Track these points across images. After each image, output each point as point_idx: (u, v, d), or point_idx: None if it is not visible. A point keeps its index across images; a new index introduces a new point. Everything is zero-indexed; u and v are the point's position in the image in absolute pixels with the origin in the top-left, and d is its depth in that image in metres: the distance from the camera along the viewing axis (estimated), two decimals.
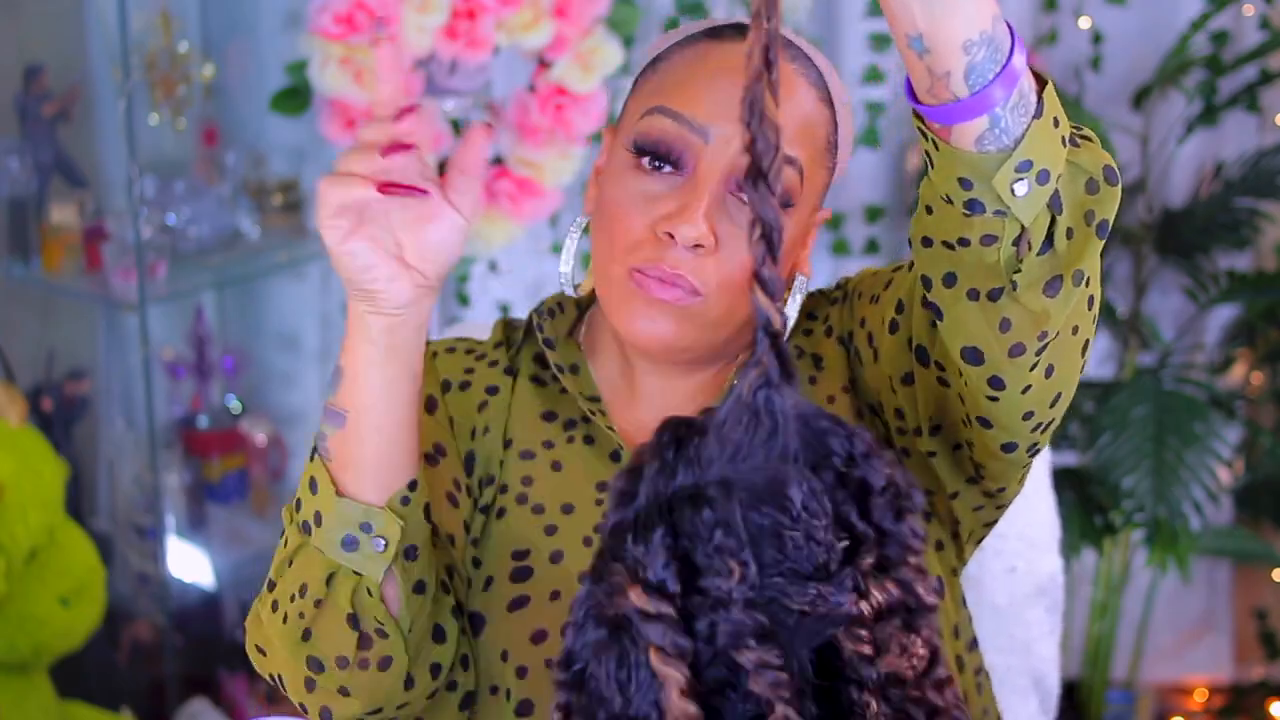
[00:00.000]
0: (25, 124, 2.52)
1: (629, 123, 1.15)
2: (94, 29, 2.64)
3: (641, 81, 1.18)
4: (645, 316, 1.11)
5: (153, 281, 2.49)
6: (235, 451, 2.79)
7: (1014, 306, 0.97)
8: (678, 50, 1.17)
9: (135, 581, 2.67)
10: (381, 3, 2.25)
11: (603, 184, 1.17)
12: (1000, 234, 0.94)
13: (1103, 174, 0.97)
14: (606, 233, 1.13)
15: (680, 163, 1.11)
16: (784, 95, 1.10)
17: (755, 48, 0.69)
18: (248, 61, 2.80)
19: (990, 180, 0.91)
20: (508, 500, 1.19)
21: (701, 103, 1.10)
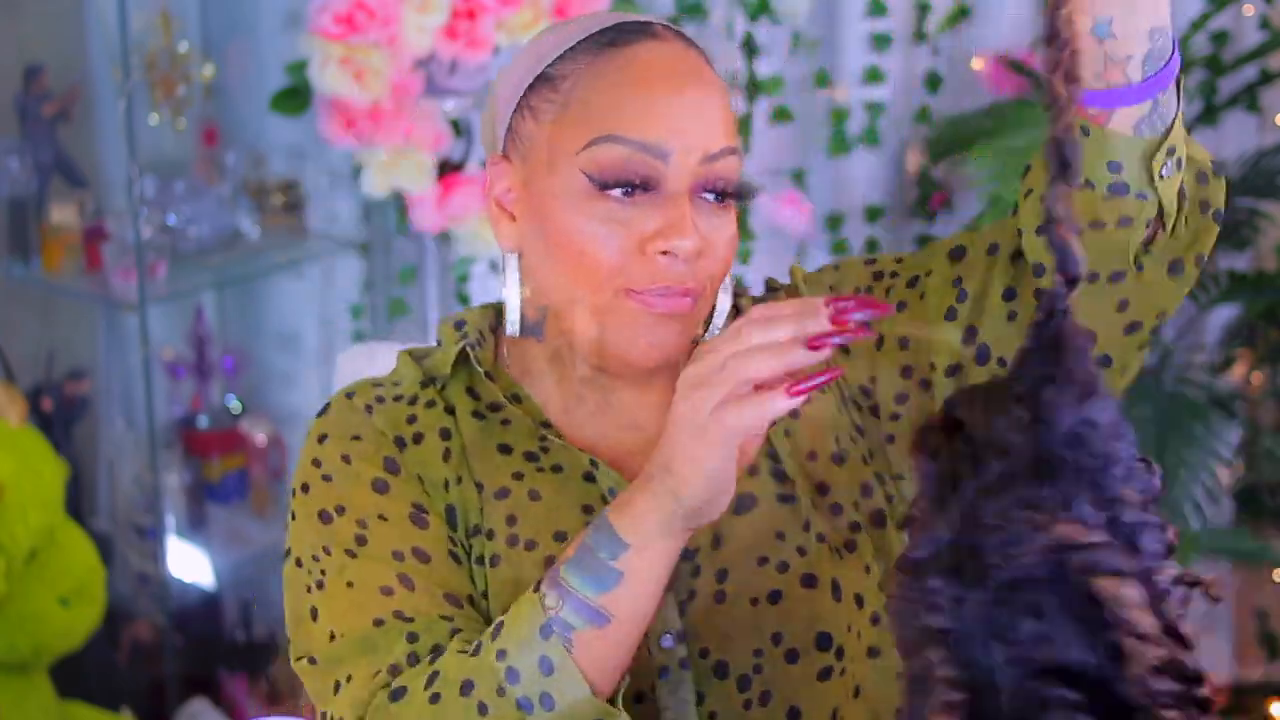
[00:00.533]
0: (25, 124, 2.52)
1: (563, 149, 1.11)
2: (94, 29, 2.64)
3: (542, 101, 1.14)
4: (651, 333, 1.11)
5: (153, 281, 2.49)
6: (235, 451, 2.79)
7: (1136, 287, 1.03)
8: (583, 64, 1.13)
9: (135, 581, 2.67)
10: (381, 3, 2.25)
11: (545, 214, 1.12)
12: (1136, 216, 1.00)
13: (1210, 167, 1.06)
14: (573, 263, 1.11)
15: (648, 184, 1.10)
16: (706, 88, 1.12)
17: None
18: (248, 61, 2.80)
19: (1147, 162, 0.98)
20: (497, 546, 1.14)
21: (651, 124, 1.09)
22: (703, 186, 1.10)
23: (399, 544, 1.12)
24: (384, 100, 2.31)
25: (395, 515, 1.14)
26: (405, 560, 1.11)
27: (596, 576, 1.01)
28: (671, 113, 1.09)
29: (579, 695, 1.00)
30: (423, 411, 1.19)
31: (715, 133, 1.10)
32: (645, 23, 1.15)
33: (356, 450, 1.17)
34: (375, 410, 1.19)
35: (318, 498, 1.16)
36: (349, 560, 1.12)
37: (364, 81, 2.27)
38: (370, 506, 1.14)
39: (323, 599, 1.13)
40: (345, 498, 1.15)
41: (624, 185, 1.09)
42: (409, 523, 1.13)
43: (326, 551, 1.13)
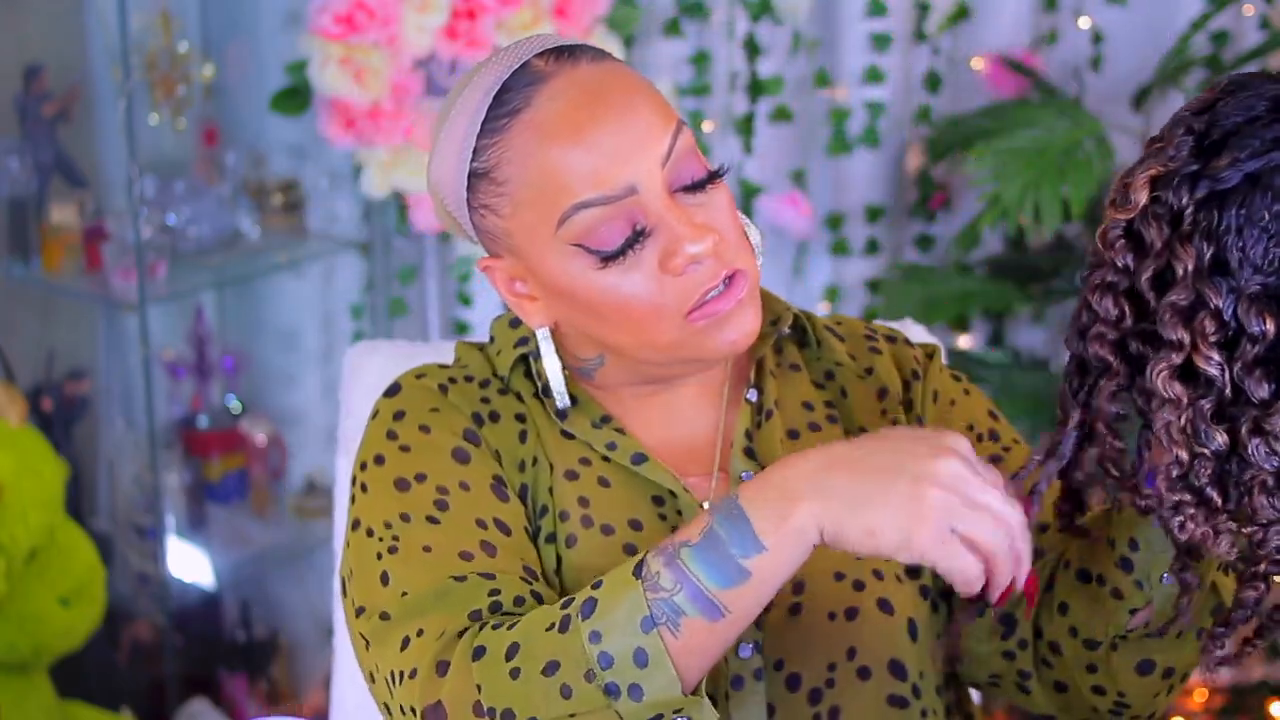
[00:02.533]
0: (25, 124, 2.52)
1: (541, 233, 1.09)
2: (94, 29, 2.64)
3: (490, 199, 1.11)
4: (731, 329, 1.11)
5: (153, 281, 2.49)
6: (235, 451, 2.79)
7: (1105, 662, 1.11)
8: (503, 146, 1.09)
9: (135, 581, 2.67)
10: (381, 3, 2.25)
11: (567, 290, 1.11)
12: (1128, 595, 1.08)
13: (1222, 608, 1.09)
14: (622, 323, 1.10)
15: (636, 224, 1.08)
16: (620, 93, 1.09)
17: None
18: (248, 61, 2.79)
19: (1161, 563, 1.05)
20: (572, 526, 1.14)
21: (603, 173, 1.07)
22: (675, 183, 1.09)
23: (482, 513, 1.12)
24: (384, 100, 2.31)
25: (477, 485, 1.13)
26: (488, 529, 1.11)
27: (723, 571, 0.98)
28: (614, 148, 1.07)
29: (670, 689, 0.98)
30: (495, 396, 1.20)
31: (658, 134, 1.09)
32: (525, 65, 1.10)
33: (436, 421, 1.16)
34: (450, 390, 1.19)
35: (394, 467, 1.14)
36: (429, 526, 1.10)
37: (364, 81, 2.27)
38: (452, 474, 1.13)
39: (396, 562, 1.10)
40: (425, 465, 1.14)
41: (618, 244, 1.08)
42: (491, 494, 1.13)
43: (404, 519, 1.11)
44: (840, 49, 2.78)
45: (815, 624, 1.12)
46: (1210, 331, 0.85)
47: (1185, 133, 0.87)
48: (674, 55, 2.70)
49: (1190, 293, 0.86)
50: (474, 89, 1.11)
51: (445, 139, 1.13)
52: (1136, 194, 0.87)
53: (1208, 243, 0.85)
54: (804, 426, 1.22)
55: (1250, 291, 0.85)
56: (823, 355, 1.26)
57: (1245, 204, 0.85)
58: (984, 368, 2.64)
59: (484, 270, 1.16)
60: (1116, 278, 0.89)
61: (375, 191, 2.40)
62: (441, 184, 1.14)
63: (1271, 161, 0.84)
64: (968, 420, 1.24)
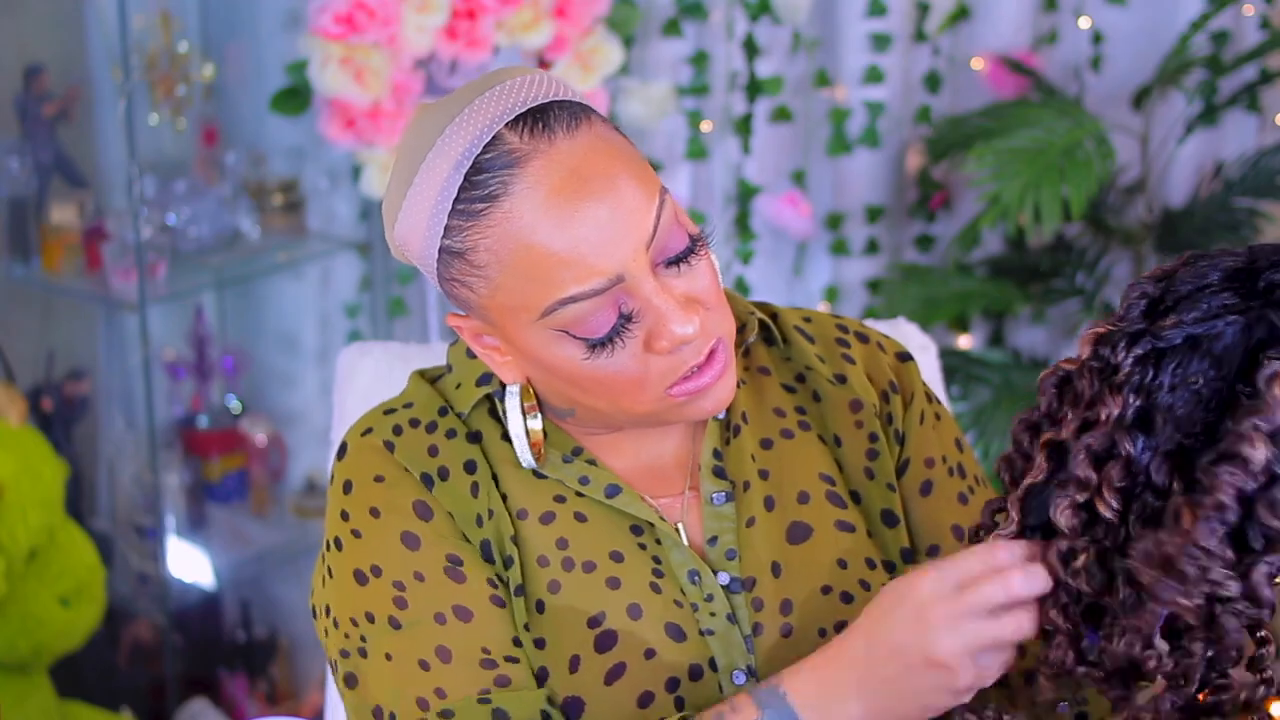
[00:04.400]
0: (25, 124, 2.52)
1: (521, 318, 1.07)
2: (94, 29, 2.64)
3: (466, 276, 1.07)
4: (708, 400, 1.10)
5: (153, 281, 2.49)
6: (235, 451, 2.79)
7: None
8: (480, 232, 1.05)
9: (135, 581, 2.67)
10: (381, 3, 2.25)
11: (543, 361, 1.09)
12: None
13: None
14: (599, 396, 1.09)
15: (624, 309, 1.06)
16: (603, 171, 1.04)
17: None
18: (248, 61, 2.80)
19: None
20: (554, 571, 1.13)
21: (588, 266, 1.03)
22: (659, 258, 1.07)
23: (439, 605, 1.11)
24: (384, 100, 2.31)
25: (431, 573, 1.12)
26: (447, 622, 1.10)
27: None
28: (599, 236, 1.03)
29: None
30: (444, 442, 1.17)
31: (641, 211, 1.05)
32: (496, 138, 1.05)
33: (383, 499, 1.14)
34: (396, 446, 1.16)
35: (351, 556, 1.14)
36: (391, 631, 1.11)
37: (364, 81, 2.27)
38: (406, 565, 1.12)
39: (365, 668, 1.11)
40: (379, 556, 1.13)
41: (606, 330, 1.06)
42: (446, 578, 1.12)
43: (369, 619, 1.12)
44: (840, 49, 2.78)
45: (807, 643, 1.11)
46: (1116, 479, 0.88)
47: (1139, 296, 0.90)
48: (673, 55, 2.70)
49: (1107, 439, 0.88)
50: (441, 156, 1.06)
51: (411, 204, 1.07)
52: (1081, 348, 0.90)
53: (1136, 395, 0.88)
54: (777, 434, 1.21)
55: (1167, 449, 0.87)
56: (792, 355, 1.25)
57: (1182, 364, 0.87)
58: (984, 368, 2.64)
59: (453, 326, 1.13)
60: (1039, 419, 0.93)
61: (375, 191, 2.40)
62: (408, 245, 1.10)
63: (1213, 329, 0.87)
64: (940, 451, 1.23)
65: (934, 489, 1.21)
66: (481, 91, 1.07)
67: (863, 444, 1.22)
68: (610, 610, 1.12)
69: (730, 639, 1.12)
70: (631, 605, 1.12)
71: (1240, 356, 0.87)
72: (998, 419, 2.51)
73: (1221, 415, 0.87)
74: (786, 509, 1.17)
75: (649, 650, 1.10)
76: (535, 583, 1.13)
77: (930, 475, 1.22)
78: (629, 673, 1.10)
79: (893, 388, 1.24)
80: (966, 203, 2.82)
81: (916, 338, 1.69)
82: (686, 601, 1.13)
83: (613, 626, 1.11)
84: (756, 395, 1.22)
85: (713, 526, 1.16)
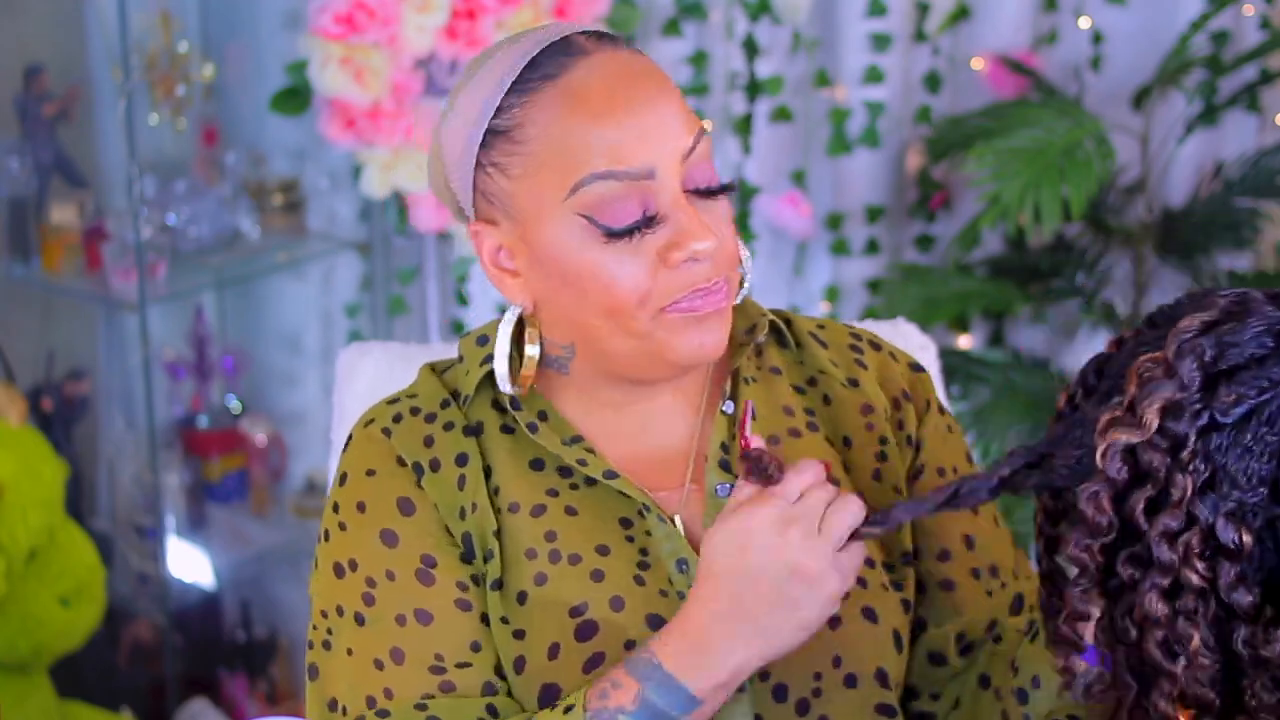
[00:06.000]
0: (25, 124, 2.52)
1: (548, 198, 1.10)
2: (94, 29, 2.64)
3: (504, 157, 1.11)
4: (700, 334, 1.11)
5: (153, 281, 2.50)
6: (235, 451, 2.79)
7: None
8: (530, 108, 1.10)
9: (135, 581, 2.67)
10: (381, 3, 2.25)
11: (555, 262, 1.11)
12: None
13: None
14: (602, 302, 1.10)
15: (647, 209, 1.09)
16: (656, 85, 1.11)
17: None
18: (248, 61, 2.80)
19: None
20: (541, 564, 1.14)
21: (628, 149, 1.08)
22: (689, 183, 1.11)
23: (402, 606, 1.13)
24: (384, 100, 2.31)
25: (402, 573, 1.14)
26: (406, 624, 1.13)
27: (666, 699, 1.04)
28: (643, 129, 1.09)
29: None
30: (440, 433, 1.19)
31: (684, 129, 1.11)
32: (566, 40, 1.12)
33: (371, 493, 1.17)
34: (394, 432, 1.19)
35: (334, 548, 1.17)
36: (356, 626, 1.14)
37: (364, 81, 2.27)
38: (379, 562, 1.15)
39: (327, 661, 1.15)
40: (357, 550, 1.16)
41: (627, 223, 1.09)
42: (415, 580, 1.14)
43: (339, 612, 1.15)
44: (840, 49, 2.78)
45: None
46: (1196, 548, 0.91)
47: (1194, 362, 0.92)
48: (673, 55, 2.69)
49: (1183, 517, 0.91)
50: (507, 54, 1.12)
51: (465, 99, 1.13)
52: (1148, 419, 0.92)
53: (1205, 464, 0.91)
54: (784, 432, 1.21)
55: (1229, 509, 0.91)
56: (805, 359, 1.26)
57: (1237, 429, 0.91)
58: (984, 368, 2.64)
59: (472, 235, 1.16)
60: (1108, 490, 0.94)
61: (375, 191, 2.40)
62: (451, 141, 1.14)
63: (1274, 397, 0.91)
64: (952, 462, 1.25)
65: None
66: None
67: (872, 446, 1.23)
68: (593, 602, 1.13)
69: None
70: (614, 598, 1.13)
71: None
72: (997, 419, 2.51)
73: (1278, 469, 0.91)
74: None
75: (629, 642, 1.12)
76: (520, 575, 1.14)
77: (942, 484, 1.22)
78: (608, 663, 1.11)
79: (905, 396, 1.25)
80: (966, 203, 2.82)
81: (916, 338, 1.69)
82: (673, 590, 1.14)
83: (594, 617, 1.12)
84: (767, 392, 1.23)
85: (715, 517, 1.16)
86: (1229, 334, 0.92)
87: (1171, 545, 0.91)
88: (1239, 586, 0.90)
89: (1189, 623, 0.91)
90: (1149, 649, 0.92)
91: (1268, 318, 0.92)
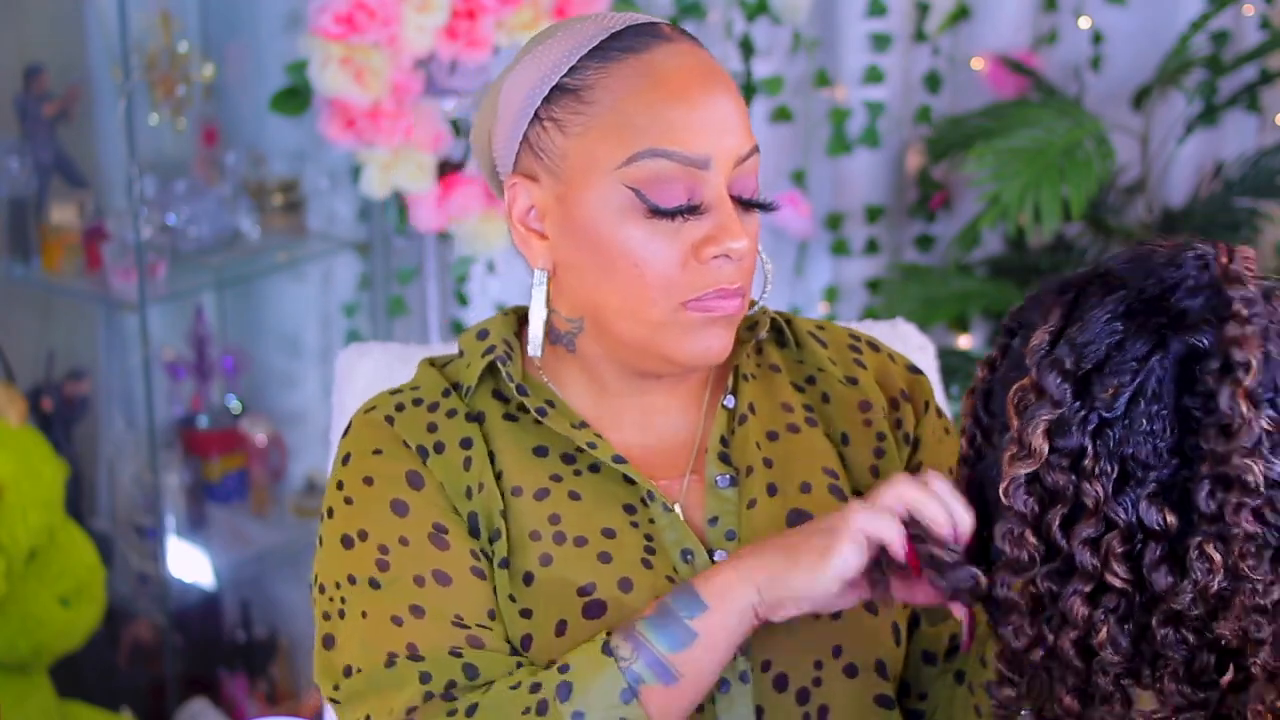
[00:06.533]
0: (25, 124, 2.52)
1: (601, 163, 1.11)
2: (94, 29, 2.64)
3: (566, 114, 1.12)
4: (708, 337, 1.13)
5: (153, 281, 2.50)
6: (235, 451, 2.79)
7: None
8: (605, 73, 1.12)
9: (135, 581, 2.68)
10: (381, 3, 2.25)
11: (589, 229, 1.12)
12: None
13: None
14: (628, 279, 1.11)
15: (693, 197, 1.11)
16: (729, 89, 1.13)
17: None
18: (248, 61, 2.80)
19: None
20: (545, 545, 1.15)
21: (692, 135, 1.10)
22: (735, 187, 1.12)
23: (419, 567, 1.13)
24: (384, 100, 2.31)
25: (416, 538, 1.14)
26: (425, 584, 1.13)
27: (674, 634, 1.05)
28: (709, 120, 1.11)
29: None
30: (443, 420, 1.19)
31: (744, 135, 1.13)
32: (653, 23, 1.14)
33: (378, 469, 1.17)
34: (396, 420, 1.20)
35: (341, 522, 1.17)
36: (371, 591, 1.13)
37: (364, 81, 2.27)
38: (392, 530, 1.15)
39: (340, 628, 1.14)
40: (366, 521, 1.16)
41: (672, 205, 1.10)
42: (429, 544, 1.14)
43: (351, 580, 1.14)
44: (840, 49, 2.78)
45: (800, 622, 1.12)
46: (1117, 550, 0.91)
47: (1058, 376, 0.92)
48: None
49: (1100, 523, 0.91)
50: (590, 23, 1.14)
51: (537, 55, 1.15)
52: (1037, 445, 0.92)
53: (1111, 463, 0.91)
54: (783, 428, 1.23)
55: (1149, 492, 0.91)
56: (804, 358, 1.27)
57: (1128, 416, 0.91)
58: None
59: (508, 188, 1.16)
60: (1020, 525, 0.94)
61: (375, 192, 2.40)
62: (512, 93, 1.15)
63: (1147, 376, 0.91)
64: (949, 463, 1.25)
65: None
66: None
67: (870, 443, 1.23)
68: (600, 582, 1.14)
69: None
70: (622, 579, 1.14)
71: (1173, 381, 0.91)
72: None
73: (1180, 435, 0.91)
74: (788, 496, 1.19)
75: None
76: (525, 556, 1.15)
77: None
78: None
79: (904, 396, 1.26)
80: (966, 203, 2.82)
81: (915, 338, 1.69)
82: (679, 579, 1.14)
83: (602, 596, 1.13)
84: (766, 389, 1.24)
85: (714, 507, 1.18)
86: (1078, 334, 0.93)
87: (1094, 552, 0.92)
88: (1160, 566, 0.91)
89: (1103, 619, 0.92)
90: (1063, 648, 0.94)
91: (1105, 305, 0.93)
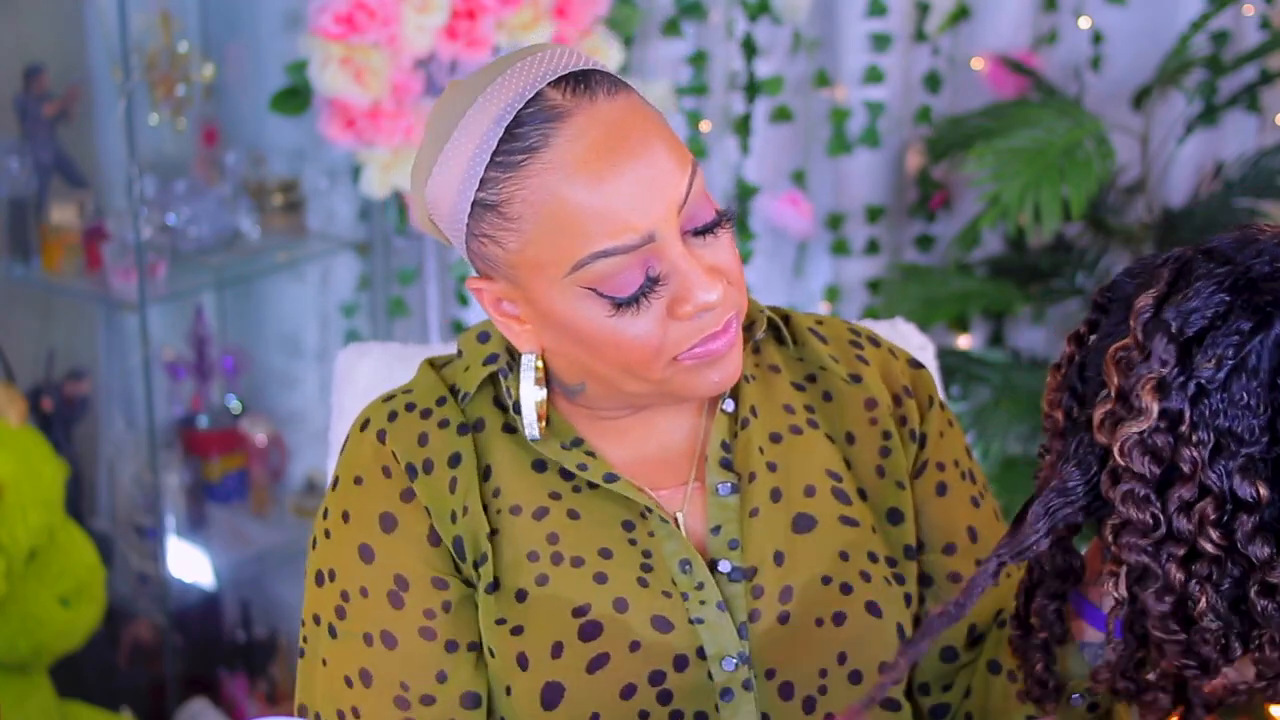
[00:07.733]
0: (25, 124, 2.52)
1: (547, 271, 1.07)
2: (94, 29, 2.64)
3: (496, 230, 1.07)
4: (715, 372, 1.11)
5: (153, 281, 2.50)
6: (235, 451, 2.79)
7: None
8: (517, 182, 1.05)
9: (135, 581, 2.68)
10: (381, 3, 2.25)
11: (563, 321, 1.09)
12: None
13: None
14: (614, 360, 1.09)
15: (651, 270, 1.07)
16: (640, 133, 1.06)
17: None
18: (248, 61, 2.80)
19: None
20: (543, 565, 1.14)
21: (623, 221, 1.04)
22: (688, 226, 1.08)
23: (370, 625, 1.14)
24: (384, 100, 2.31)
25: (375, 590, 1.15)
26: (373, 645, 1.14)
27: None
28: (638, 194, 1.04)
29: None
30: (434, 431, 1.18)
31: (674, 172, 1.06)
32: (538, 95, 1.06)
33: (356, 504, 1.17)
34: (389, 433, 1.18)
35: (319, 556, 1.19)
36: (329, 639, 1.16)
37: (364, 81, 2.27)
38: (355, 578, 1.15)
39: (304, 665, 1.19)
40: (337, 562, 1.17)
41: (632, 291, 1.06)
42: (385, 600, 1.14)
43: (316, 620, 1.17)
44: (840, 49, 2.78)
45: (804, 631, 1.12)
46: (1210, 515, 0.92)
47: (1164, 338, 0.92)
48: (673, 55, 2.70)
49: (1195, 488, 0.92)
50: (481, 112, 1.07)
51: (448, 159, 1.08)
52: (1146, 403, 0.92)
53: (1208, 432, 0.92)
54: (785, 430, 1.21)
55: (1240, 464, 0.91)
56: (805, 356, 1.25)
57: (1225, 389, 0.92)
58: (984, 368, 2.64)
59: (473, 290, 1.13)
60: (1143, 487, 0.94)
61: (375, 192, 2.40)
62: (439, 202, 1.10)
63: (1247, 351, 0.92)
64: (953, 456, 1.25)
65: (949, 491, 1.23)
66: (520, 59, 1.09)
67: (876, 441, 1.23)
68: (596, 603, 1.13)
69: (720, 626, 1.13)
70: (618, 600, 1.13)
71: (1271, 361, 0.91)
72: (997, 419, 2.51)
73: (1273, 415, 0.91)
74: (792, 501, 1.18)
75: (634, 643, 1.12)
76: (520, 575, 1.14)
77: (944, 478, 1.24)
78: (612, 664, 1.11)
79: (906, 392, 1.25)
80: (966, 203, 2.82)
81: (914, 338, 1.69)
82: (676, 591, 1.14)
83: (598, 618, 1.12)
84: (766, 391, 1.23)
85: (717, 516, 1.17)
86: (1185, 301, 0.93)
87: (1188, 516, 0.92)
88: (1255, 538, 0.91)
89: (1200, 588, 0.92)
90: (1159, 615, 0.94)
91: (1213, 275, 0.93)
